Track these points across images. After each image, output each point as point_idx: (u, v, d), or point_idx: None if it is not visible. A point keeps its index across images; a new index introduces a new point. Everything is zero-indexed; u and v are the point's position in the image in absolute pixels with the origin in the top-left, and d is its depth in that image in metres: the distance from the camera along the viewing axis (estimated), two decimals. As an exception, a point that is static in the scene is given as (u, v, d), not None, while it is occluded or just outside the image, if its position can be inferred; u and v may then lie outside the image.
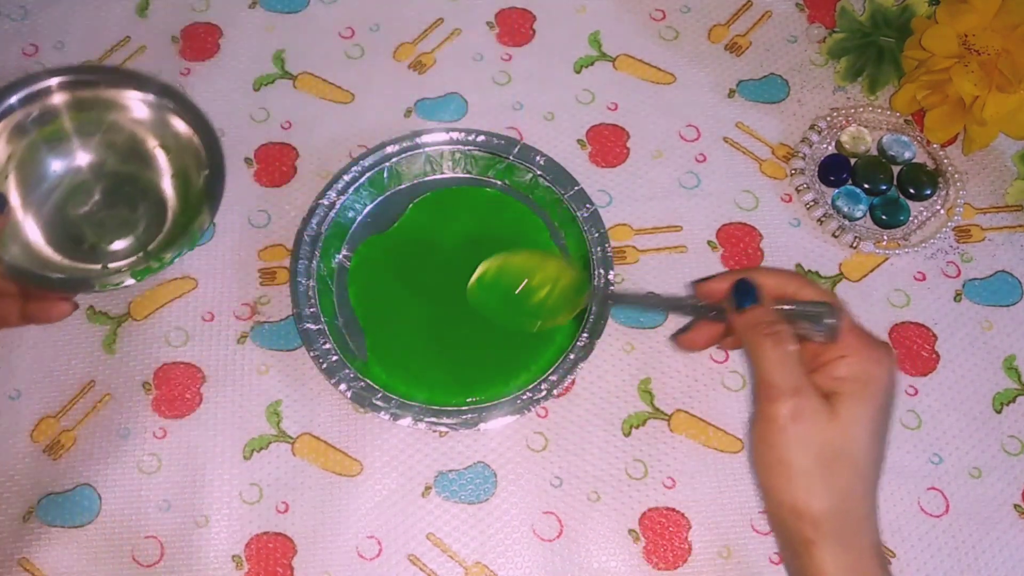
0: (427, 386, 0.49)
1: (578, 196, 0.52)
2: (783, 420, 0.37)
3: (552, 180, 0.52)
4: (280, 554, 0.47)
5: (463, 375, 0.50)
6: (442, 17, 0.60)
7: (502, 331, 0.50)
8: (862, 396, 0.38)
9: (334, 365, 0.48)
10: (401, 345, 0.51)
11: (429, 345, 0.51)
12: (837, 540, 0.37)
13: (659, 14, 0.60)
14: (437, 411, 0.48)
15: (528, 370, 0.50)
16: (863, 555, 0.38)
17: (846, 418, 0.37)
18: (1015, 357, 0.51)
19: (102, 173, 0.54)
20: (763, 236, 0.54)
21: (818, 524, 0.37)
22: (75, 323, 0.52)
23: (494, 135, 0.54)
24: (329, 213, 0.52)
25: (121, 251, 0.53)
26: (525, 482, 0.48)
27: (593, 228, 0.51)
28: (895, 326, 0.52)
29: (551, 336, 0.50)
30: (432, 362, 0.50)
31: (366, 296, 0.52)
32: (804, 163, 0.55)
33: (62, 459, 0.49)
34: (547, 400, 0.48)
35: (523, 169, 0.53)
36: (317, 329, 0.49)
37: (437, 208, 0.54)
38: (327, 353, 0.48)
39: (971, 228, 0.54)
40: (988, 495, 0.48)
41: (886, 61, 0.57)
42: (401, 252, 0.53)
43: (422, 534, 0.47)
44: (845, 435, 0.37)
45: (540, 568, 0.47)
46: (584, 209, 0.51)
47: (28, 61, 0.59)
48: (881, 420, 0.38)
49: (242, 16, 0.60)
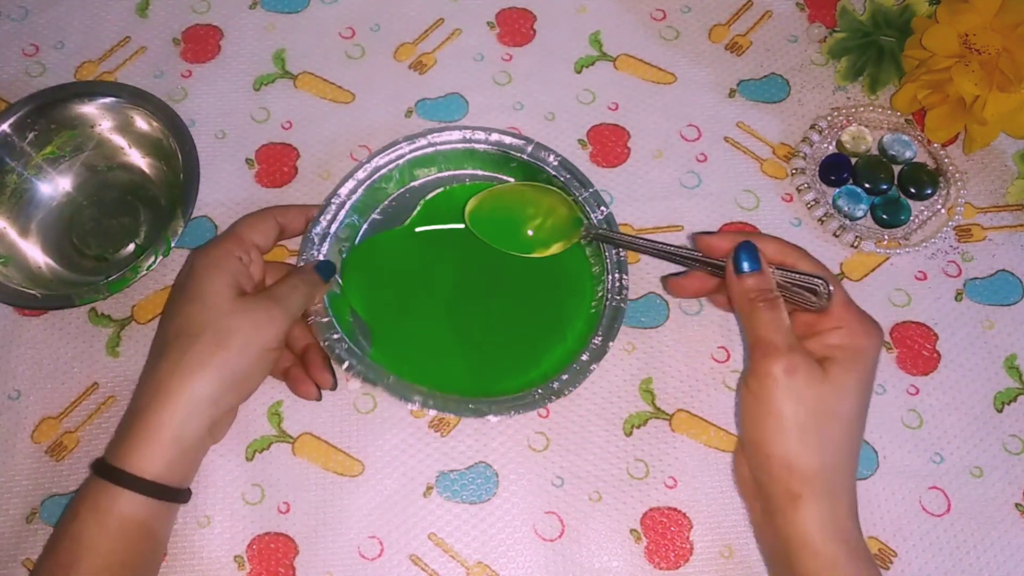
0: (434, 383, 0.49)
1: (592, 197, 0.52)
2: (778, 374, 0.39)
3: (566, 181, 0.52)
4: (282, 554, 0.47)
5: (474, 371, 0.50)
6: (442, 17, 0.60)
7: (514, 328, 0.50)
8: (853, 364, 0.40)
9: (345, 354, 0.48)
10: (410, 342, 0.50)
11: (440, 343, 0.51)
12: (824, 496, 0.39)
13: (660, 14, 0.60)
14: (444, 399, 0.47)
15: (539, 366, 0.49)
16: (844, 513, 0.40)
17: (838, 381, 0.39)
18: (1016, 356, 0.51)
19: (90, 188, 0.55)
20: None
21: (808, 479, 0.39)
22: (76, 325, 0.52)
23: (508, 134, 0.53)
24: (339, 212, 0.52)
25: (126, 258, 0.53)
26: (527, 482, 0.48)
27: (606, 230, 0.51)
28: (896, 325, 0.52)
29: (562, 334, 0.50)
30: (443, 358, 0.50)
31: (372, 292, 0.52)
32: (805, 163, 0.55)
33: (65, 461, 0.49)
34: (558, 399, 0.48)
35: (536, 169, 0.53)
36: (326, 321, 0.49)
37: (448, 206, 0.54)
38: (337, 343, 0.48)
39: (972, 227, 0.54)
40: (989, 494, 0.48)
41: (887, 61, 0.57)
42: (411, 249, 0.53)
43: (424, 534, 0.47)
44: (837, 396, 0.39)
45: (542, 568, 0.47)
46: (599, 211, 0.51)
47: (28, 61, 0.59)
48: (867, 390, 0.41)
49: (243, 16, 0.60)
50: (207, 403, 0.42)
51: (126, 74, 0.58)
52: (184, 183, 0.52)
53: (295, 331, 0.49)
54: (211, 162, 0.55)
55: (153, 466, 0.41)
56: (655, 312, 0.52)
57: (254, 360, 0.44)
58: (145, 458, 0.41)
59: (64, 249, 0.54)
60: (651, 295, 0.53)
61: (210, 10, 0.60)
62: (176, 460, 0.42)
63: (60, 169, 0.55)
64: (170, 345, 0.43)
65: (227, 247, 0.46)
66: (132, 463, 0.41)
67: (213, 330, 0.43)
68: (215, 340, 0.43)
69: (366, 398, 0.50)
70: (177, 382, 0.42)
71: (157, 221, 0.54)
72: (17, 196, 0.54)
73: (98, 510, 0.41)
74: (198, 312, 0.44)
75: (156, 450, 0.41)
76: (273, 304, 0.45)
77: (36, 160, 0.54)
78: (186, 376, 0.42)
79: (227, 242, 0.46)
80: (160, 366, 0.43)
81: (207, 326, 0.43)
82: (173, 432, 0.42)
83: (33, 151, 0.54)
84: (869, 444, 0.49)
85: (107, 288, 0.49)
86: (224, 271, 0.45)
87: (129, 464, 0.41)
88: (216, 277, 0.45)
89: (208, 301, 0.44)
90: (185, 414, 0.42)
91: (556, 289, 0.51)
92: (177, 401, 0.42)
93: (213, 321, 0.43)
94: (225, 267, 0.45)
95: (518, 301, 0.51)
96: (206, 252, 0.46)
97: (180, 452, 0.42)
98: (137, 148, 0.55)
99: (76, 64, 0.59)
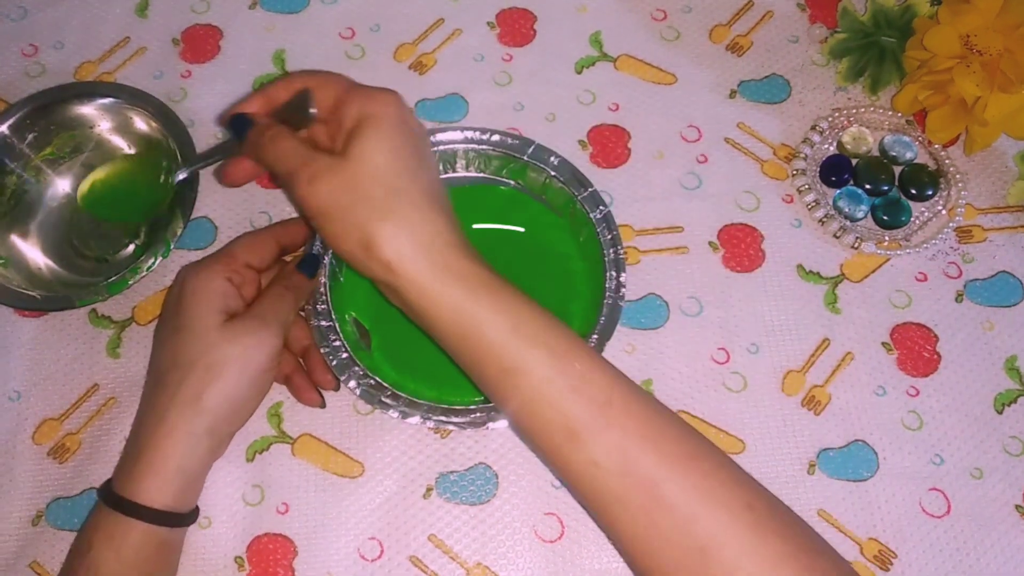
0: (435, 385, 0.49)
1: (591, 198, 0.52)
2: (305, 189, 0.39)
3: (566, 181, 0.52)
4: (281, 555, 0.47)
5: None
6: (443, 17, 0.60)
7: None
8: (366, 130, 0.40)
9: (344, 362, 0.48)
10: (408, 343, 0.50)
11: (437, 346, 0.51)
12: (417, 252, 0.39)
13: (660, 14, 0.60)
14: (446, 410, 0.47)
15: None
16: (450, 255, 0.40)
17: (354, 153, 0.39)
18: (1016, 358, 0.51)
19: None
20: (765, 236, 0.54)
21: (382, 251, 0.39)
22: (76, 326, 0.52)
23: (508, 134, 0.53)
24: None
25: (126, 259, 0.53)
26: (527, 483, 0.48)
27: (606, 230, 0.51)
28: (896, 327, 0.52)
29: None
30: (440, 360, 0.50)
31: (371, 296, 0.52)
32: (805, 164, 0.55)
33: (69, 463, 0.49)
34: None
35: (537, 169, 0.53)
36: (328, 326, 0.49)
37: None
38: (337, 350, 0.48)
39: (972, 229, 0.54)
40: (989, 496, 0.48)
41: (888, 61, 0.57)
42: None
43: (423, 535, 0.47)
44: (361, 166, 0.39)
45: (542, 569, 0.47)
46: (597, 211, 0.51)
47: (27, 61, 0.59)
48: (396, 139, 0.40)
49: (242, 17, 0.60)
50: (205, 435, 0.43)
51: (126, 74, 0.58)
52: (183, 184, 0.52)
53: (293, 332, 0.49)
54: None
55: (162, 496, 0.42)
56: (655, 313, 0.52)
57: (249, 386, 0.44)
58: (152, 489, 0.42)
59: (64, 250, 0.53)
60: (651, 296, 0.52)
61: (210, 10, 0.60)
62: (182, 489, 0.43)
63: (59, 170, 0.55)
64: (165, 377, 0.44)
65: (216, 268, 0.46)
66: (140, 494, 0.42)
67: (204, 363, 0.43)
68: (207, 372, 0.43)
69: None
70: (175, 415, 0.42)
71: (156, 222, 0.54)
72: (17, 198, 0.54)
73: (112, 539, 0.42)
74: (187, 343, 0.44)
75: (162, 482, 0.42)
76: (260, 326, 0.44)
77: (35, 161, 0.54)
78: (183, 409, 0.42)
79: (217, 263, 0.46)
80: (158, 398, 0.43)
81: (198, 359, 0.43)
82: (177, 463, 0.42)
83: (32, 152, 0.54)
84: (869, 445, 0.49)
85: (107, 289, 0.49)
86: (211, 296, 0.45)
87: (138, 495, 0.42)
88: (202, 304, 0.44)
89: (196, 331, 0.44)
90: (186, 447, 0.42)
91: (554, 289, 0.51)
92: (177, 436, 0.42)
93: (203, 353, 0.43)
94: (213, 291, 0.45)
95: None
96: (196, 273, 0.46)
97: (185, 481, 0.43)
98: (136, 149, 0.55)
99: (75, 64, 0.58)
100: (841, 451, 0.49)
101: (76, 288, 0.51)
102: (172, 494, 0.42)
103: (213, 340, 0.43)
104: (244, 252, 0.47)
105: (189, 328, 0.44)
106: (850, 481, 0.48)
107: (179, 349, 0.44)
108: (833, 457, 0.49)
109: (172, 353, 0.44)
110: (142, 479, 0.42)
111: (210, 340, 0.43)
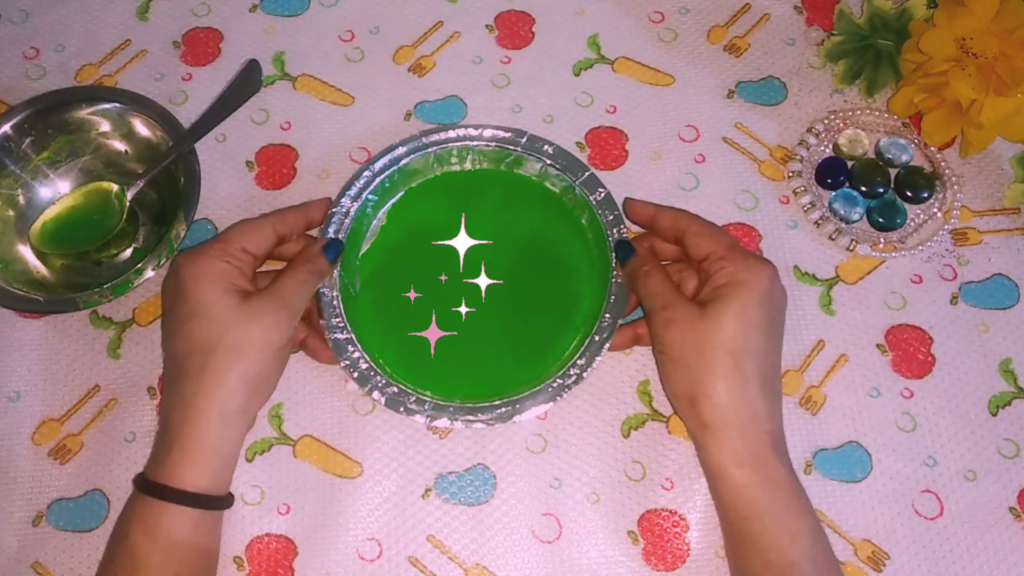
0: (457, 386, 0.49)
1: (590, 181, 0.52)
2: (659, 330, 0.45)
3: (563, 168, 0.53)
4: (281, 556, 0.47)
5: (491, 370, 0.50)
6: (441, 20, 0.60)
7: (524, 322, 0.51)
8: (732, 296, 0.44)
9: (364, 373, 0.48)
10: (423, 348, 0.51)
11: (452, 344, 0.51)
12: (732, 425, 0.43)
13: (658, 16, 0.60)
14: (472, 408, 0.48)
15: (554, 356, 0.50)
16: (761, 443, 0.43)
17: (713, 314, 0.44)
18: (1011, 360, 0.51)
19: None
20: (762, 236, 0.54)
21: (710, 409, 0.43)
22: (77, 327, 0.52)
23: (500, 128, 0.54)
24: (345, 220, 0.52)
25: (125, 262, 0.54)
26: (525, 484, 0.49)
27: (607, 211, 0.52)
28: (891, 328, 0.52)
29: (573, 321, 0.51)
30: (457, 361, 0.51)
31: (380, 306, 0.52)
32: (801, 165, 0.56)
33: (70, 464, 0.49)
34: (578, 384, 0.48)
35: (532, 160, 0.53)
36: (345, 339, 0.49)
37: (448, 201, 0.54)
38: (356, 362, 0.49)
39: (968, 231, 0.55)
40: (983, 498, 0.48)
41: (884, 64, 0.57)
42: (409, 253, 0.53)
43: (422, 536, 0.48)
44: (713, 327, 0.43)
45: (540, 569, 0.47)
46: (597, 193, 0.52)
47: (28, 64, 0.59)
48: (755, 314, 0.44)
49: (242, 19, 0.60)
50: (237, 413, 0.44)
51: (126, 77, 0.58)
52: (185, 187, 0.52)
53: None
54: (212, 165, 0.55)
55: (199, 479, 0.43)
56: (652, 315, 0.52)
57: (271, 362, 0.45)
58: (190, 473, 0.42)
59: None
60: (648, 298, 0.53)
61: (210, 13, 0.60)
62: (218, 471, 0.44)
63: (59, 173, 0.55)
64: (186, 364, 0.44)
65: (213, 253, 0.46)
66: (178, 479, 0.42)
67: (225, 345, 0.43)
68: (229, 353, 0.43)
69: (365, 400, 0.50)
70: (204, 399, 0.43)
71: (155, 225, 0.54)
72: (17, 200, 0.54)
73: (148, 528, 0.42)
74: (204, 328, 0.44)
75: (199, 464, 0.43)
76: (280, 306, 0.45)
77: (35, 163, 0.54)
78: (211, 392, 0.43)
79: (212, 248, 0.46)
80: (183, 386, 0.43)
81: (218, 341, 0.43)
82: (212, 444, 0.43)
83: (32, 154, 0.54)
84: (863, 447, 0.49)
85: (110, 291, 0.50)
86: (218, 278, 0.45)
87: (175, 480, 0.42)
88: (210, 288, 0.44)
89: (211, 315, 0.44)
90: (220, 427, 0.43)
91: (560, 271, 0.52)
92: (210, 417, 0.43)
93: (223, 335, 0.43)
94: (217, 273, 0.45)
95: (528, 292, 0.52)
96: (194, 260, 0.45)
97: (221, 463, 0.44)
98: (136, 152, 0.55)
99: (76, 67, 0.59)
100: (836, 452, 0.49)
101: (76, 290, 0.51)
102: (208, 476, 0.43)
103: (230, 321, 0.44)
104: (240, 237, 0.47)
105: (203, 313, 0.44)
106: (844, 482, 0.49)
107: (195, 335, 0.44)
108: (829, 458, 0.49)
109: (188, 340, 0.44)
110: (177, 465, 0.42)
111: (227, 321, 0.44)
